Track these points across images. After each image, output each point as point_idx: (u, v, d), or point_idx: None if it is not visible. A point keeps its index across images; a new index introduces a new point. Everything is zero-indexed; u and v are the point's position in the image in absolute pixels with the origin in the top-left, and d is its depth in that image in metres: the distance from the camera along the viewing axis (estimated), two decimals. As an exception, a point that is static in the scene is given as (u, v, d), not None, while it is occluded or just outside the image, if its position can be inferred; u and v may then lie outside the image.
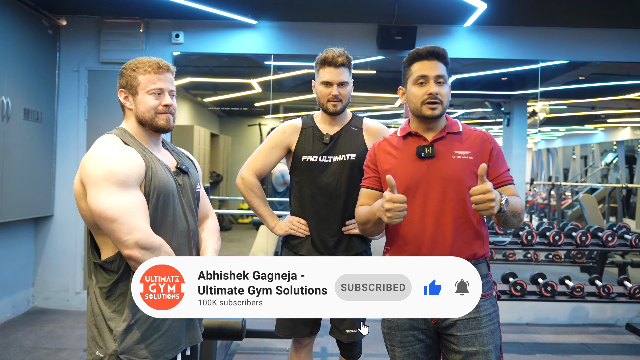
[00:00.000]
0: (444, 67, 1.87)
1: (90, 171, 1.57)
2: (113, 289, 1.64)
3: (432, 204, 1.82)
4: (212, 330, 2.66)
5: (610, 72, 6.00)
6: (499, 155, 1.89)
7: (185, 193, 1.80)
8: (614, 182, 9.91)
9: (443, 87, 1.85)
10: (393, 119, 7.81)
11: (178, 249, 1.72)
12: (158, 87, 1.72)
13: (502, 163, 1.89)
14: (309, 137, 2.45)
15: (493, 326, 1.83)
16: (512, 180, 1.90)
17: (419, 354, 1.87)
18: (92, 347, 1.65)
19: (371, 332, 4.27)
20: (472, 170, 1.83)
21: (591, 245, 4.06)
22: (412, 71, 1.88)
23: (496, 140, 1.93)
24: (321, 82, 2.38)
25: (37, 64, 4.56)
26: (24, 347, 3.88)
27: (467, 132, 1.92)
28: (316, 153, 2.42)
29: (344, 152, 2.41)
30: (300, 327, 2.48)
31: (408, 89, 1.91)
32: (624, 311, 4.76)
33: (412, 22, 4.72)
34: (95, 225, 1.63)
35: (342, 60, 2.34)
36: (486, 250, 1.90)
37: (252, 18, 4.79)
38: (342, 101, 2.38)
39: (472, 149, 1.86)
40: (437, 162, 1.85)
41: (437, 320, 1.83)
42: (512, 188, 1.87)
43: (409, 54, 1.90)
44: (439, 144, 1.87)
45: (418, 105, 1.85)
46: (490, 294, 1.86)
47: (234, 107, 9.14)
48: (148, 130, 1.76)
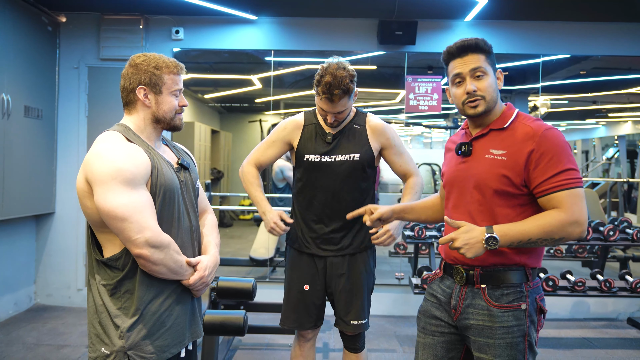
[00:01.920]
0: (481, 57, 1.72)
1: (96, 170, 1.56)
2: (119, 287, 1.63)
3: (462, 204, 1.77)
4: (215, 326, 2.67)
5: (611, 66, 5.98)
6: (545, 156, 1.61)
7: (187, 189, 1.80)
8: (616, 176, 9.88)
9: (482, 80, 1.70)
10: (394, 114, 7.79)
11: (183, 246, 1.72)
12: (180, 88, 1.77)
13: (551, 166, 1.60)
14: (311, 134, 2.44)
15: (512, 340, 1.66)
16: (565, 185, 1.59)
17: (439, 348, 1.82)
18: (95, 344, 1.65)
19: (373, 327, 4.27)
20: (501, 173, 1.66)
21: (592, 239, 4.05)
22: (449, 70, 1.77)
23: (550, 136, 1.63)
24: (319, 106, 2.34)
25: (37, 60, 4.55)
26: (26, 344, 3.88)
27: (515, 128, 1.70)
28: (319, 152, 2.40)
29: (347, 152, 2.39)
30: (305, 319, 2.50)
31: (450, 89, 1.80)
32: (626, 305, 4.76)
33: (412, 17, 4.71)
34: (99, 223, 1.62)
35: (339, 96, 2.23)
36: (526, 259, 1.70)
37: (252, 14, 4.77)
38: (339, 120, 2.37)
39: (510, 148, 1.67)
40: (472, 161, 1.75)
41: (457, 317, 1.77)
42: (557, 198, 1.59)
43: (444, 51, 1.78)
44: (478, 142, 1.76)
45: (460, 106, 1.75)
46: (517, 306, 1.67)
47: (235, 104, 9.10)
48: (157, 128, 1.75)
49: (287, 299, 2.54)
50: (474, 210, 1.73)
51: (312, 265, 2.49)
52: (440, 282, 1.86)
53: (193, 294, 1.77)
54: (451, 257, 1.79)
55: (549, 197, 1.61)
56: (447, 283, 1.82)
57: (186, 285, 1.71)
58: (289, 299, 2.53)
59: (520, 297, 1.68)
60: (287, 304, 2.54)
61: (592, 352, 3.97)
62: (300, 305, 2.50)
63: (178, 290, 1.71)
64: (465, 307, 1.74)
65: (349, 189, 2.41)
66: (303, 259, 2.51)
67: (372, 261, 2.55)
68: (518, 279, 1.69)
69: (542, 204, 1.64)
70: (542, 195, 1.62)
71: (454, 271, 1.78)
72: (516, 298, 1.68)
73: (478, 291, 1.71)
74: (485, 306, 1.69)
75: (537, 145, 1.62)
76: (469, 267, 1.73)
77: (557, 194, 1.59)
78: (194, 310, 1.81)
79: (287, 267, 2.57)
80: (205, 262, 1.76)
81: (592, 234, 4.03)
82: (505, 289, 1.69)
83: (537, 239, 1.58)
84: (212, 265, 1.79)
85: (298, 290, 2.50)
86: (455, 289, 1.77)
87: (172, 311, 1.69)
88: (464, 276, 1.73)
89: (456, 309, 1.76)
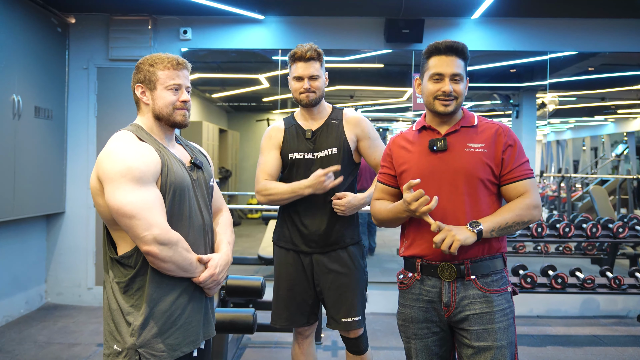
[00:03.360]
0: (462, 63, 1.86)
1: (107, 168, 1.59)
2: (131, 284, 1.65)
3: (445, 197, 1.81)
4: (224, 324, 2.69)
5: (620, 62, 5.94)
6: (513, 148, 1.84)
7: (200, 188, 1.81)
8: (625, 173, 9.82)
9: (459, 85, 1.84)
10: (401, 112, 7.79)
11: (194, 244, 1.73)
12: (176, 83, 1.74)
13: (514, 156, 1.83)
14: (292, 135, 2.50)
15: (507, 322, 1.80)
16: (526, 175, 1.83)
17: (432, 346, 1.88)
18: (109, 341, 1.67)
19: (382, 325, 4.29)
20: (485, 163, 1.82)
21: (602, 237, 4.03)
22: (429, 65, 1.87)
23: (512, 132, 1.88)
24: (293, 77, 2.44)
25: (47, 61, 4.59)
26: (37, 343, 3.92)
27: (483, 125, 1.90)
28: (302, 150, 2.46)
29: (326, 147, 2.45)
30: (297, 317, 2.51)
31: (424, 82, 1.91)
32: (635, 303, 4.74)
33: (419, 15, 4.71)
34: (112, 221, 1.65)
35: (310, 54, 2.38)
36: (501, 245, 1.87)
37: (259, 13, 4.79)
38: (315, 92, 2.41)
39: (487, 142, 1.84)
40: (449, 156, 1.84)
41: (450, 314, 1.82)
42: (522, 185, 1.82)
43: (428, 46, 1.89)
44: (452, 137, 1.87)
45: (431, 100, 1.86)
46: (504, 289, 1.84)
47: (242, 103, 9.13)
48: (164, 126, 1.77)
49: (277, 298, 2.54)
50: (456, 200, 1.81)
51: (299, 263, 2.49)
52: (422, 284, 1.87)
53: (205, 292, 1.78)
54: (439, 257, 1.83)
55: (515, 184, 1.82)
56: (430, 283, 1.85)
57: (197, 282, 1.72)
58: (278, 297, 2.53)
59: (505, 280, 1.86)
60: (276, 303, 2.54)
61: (602, 349, 3.95)
62: (291, 303, 2.50)
63: (190, 289, 1.73)
64: (459, 300, 1.80)
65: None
66: (289, 256, 2.51)
67: (360, 257, 2.52)
68: (500, 265, 1.86)
69: (507, 190, 1.84)
70: (510, 182, 1.82)
71: (439, 269, 1.82)
72: (503, 282, 1.85)
73: (469, 282, 1.80)
74: (481, 294, 1.80)
75: (508, 139, 1.84)
76: (458, 262, 1.80)
77: (523, 181, 1.82)
78: (207, 309, 1.81)
79: (275, 266, 2.57)
80: (217, 260, 1.76)
81: (601, 231, 4.01)
82: (494, 276, 1.83)
83: (512, 223, 1.76)
84: (224, 264, 1.79)
85: (287, 288, 2.50)
86: (444, 286, 1.82)
87: (184, 310, 1.70)
88: (454, 271, 1.80)
89: (449, 305, 1.81)
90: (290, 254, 2.51)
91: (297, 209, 2.46)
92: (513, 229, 1.77)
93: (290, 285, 2.49)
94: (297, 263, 2.49)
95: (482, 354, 1.77)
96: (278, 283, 2.54)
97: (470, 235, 1.70)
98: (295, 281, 2.49)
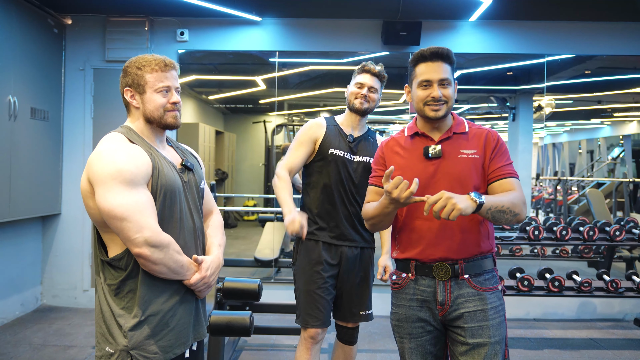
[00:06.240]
0: (449, 68, 1.89)
1: (97, 170, 1.58)
2: (122, 286, 1.65)
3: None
4: (220, 327, 2.67)
5: (616, 65, 5.97)
6: (499, 149, 1.90)
7: (191, 190, 1.80)
8: (621, 176, 9.84)
9: (447, 89, 1.87)
10: (398, 114, 7.79)
11: (185, 247, 1.73)
12: (166, 85, 1.73)
13: (501, 157, 1.89)
14: (334, 133, 2.61)
15: (499, 319, 1.86)
16: (513, 174, 1.87)
17: (427, 345, 1.90)
18: (101, 342, 1.66)
19: (379, 327, 4.28)
20: (478, 168, 1.87)
21: (598, 240, 4.04)
22: (417, 73, 1.91)
23: (500, 136, 1.94)
24: (355, 83, 2.59)
25: (43, 63, 4.57)
26: (33, 345, 3.90)
27: (473, 131, 1.94)
28: (342, 149, 2.58)
29: (365, 155, 2.59)
30: (327, 316, 2.56)
31: (413, 89, 1.95)
32: (632, 306, 4.75)
33: (417, 18, 4.71)
34: (102, 223, 1.64)
35: (378, 72, 2.57)
36: (492, 246, 1.93)
37: (256, 15, 4.78)
38: (369, 103, 2.57)
39: (478, 147, 1.89)
40: (444, 162, 1.88)
41: (444, 312, 1.85)
42: (509, 182, 1.85)
43: (414, 55, 1.93)
44: (445, 144, 1.90)
45: (421, 106, 1.89)
46: (495, 287, 1.89)
47: (239, 105, 9.13)
48: (155, 128, 1.76)
49: (308, 296, 2.52)
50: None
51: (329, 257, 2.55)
52: (416, 284, 1.90)
53: (196, 294, 1.78)
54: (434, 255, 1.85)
55: (502, 181, 1.85)
56: (424, 283, 1.88)
57: (187, 285, 1.72)
58: (309, 295, 2.52)
59: (496, 279, 1.92)
60: (308, 301, 2.52)
61: (599, 352, 3.96)
62: (323, 302, 2.52)
63: (181, 291, 1.72)
64: (454, 299, 1.84)
65: (362, 187, 2.50)
66: (317, 249, 2.55)
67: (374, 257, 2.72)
68: (490, 264, 1.91)
69: (494, 188, 1.86)
70: (498, 178, 1.86)
71: (433, 269, 1.86)
72: (494, 281, 1.90)
73: (463, 281, 1.85)
74: (475, 292, 1.85)
75: (495, 142, 1.90)
76: (452, 262, 1.84)
77: (510, 179, 1.86)
78: (198, 311, 1.81)
79: (303, 261, 2.57)
80: (208, 263, 1.76)
81: (598, 234, 4.02)
82: (485, 274, 1.88)
83: (506, 209, 1.75)
84: (215, 266, 1.79)
85: (318, 286, 2.52)
86: (439, 285, 1.86)
87: (176, 312, 1.70)
88: (449, 271, 1.84)
89: (444, 304, 1.85)
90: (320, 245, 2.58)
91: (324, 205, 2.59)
92: (504, 215, 1.76)
93: (323, 282, 2.54)
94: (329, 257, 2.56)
95: (477, 350, 1.81)
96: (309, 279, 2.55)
97: (471, 204, 1.65)
98: (326, 275, 2.55)
